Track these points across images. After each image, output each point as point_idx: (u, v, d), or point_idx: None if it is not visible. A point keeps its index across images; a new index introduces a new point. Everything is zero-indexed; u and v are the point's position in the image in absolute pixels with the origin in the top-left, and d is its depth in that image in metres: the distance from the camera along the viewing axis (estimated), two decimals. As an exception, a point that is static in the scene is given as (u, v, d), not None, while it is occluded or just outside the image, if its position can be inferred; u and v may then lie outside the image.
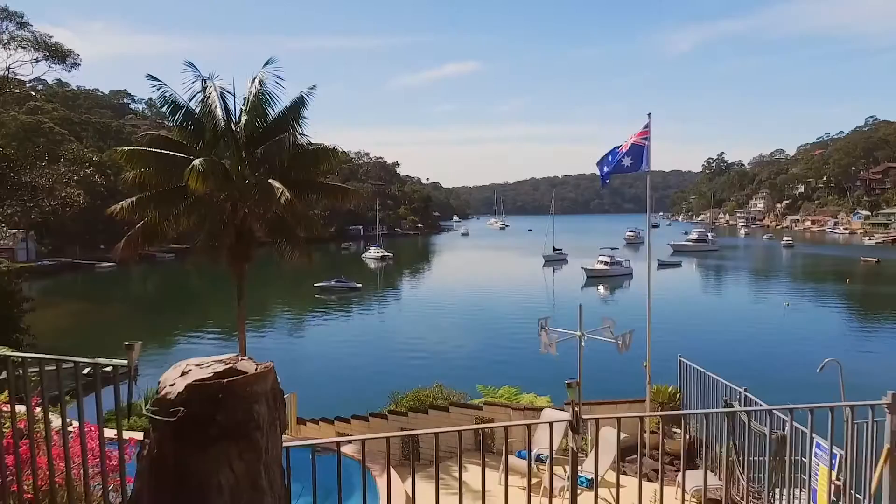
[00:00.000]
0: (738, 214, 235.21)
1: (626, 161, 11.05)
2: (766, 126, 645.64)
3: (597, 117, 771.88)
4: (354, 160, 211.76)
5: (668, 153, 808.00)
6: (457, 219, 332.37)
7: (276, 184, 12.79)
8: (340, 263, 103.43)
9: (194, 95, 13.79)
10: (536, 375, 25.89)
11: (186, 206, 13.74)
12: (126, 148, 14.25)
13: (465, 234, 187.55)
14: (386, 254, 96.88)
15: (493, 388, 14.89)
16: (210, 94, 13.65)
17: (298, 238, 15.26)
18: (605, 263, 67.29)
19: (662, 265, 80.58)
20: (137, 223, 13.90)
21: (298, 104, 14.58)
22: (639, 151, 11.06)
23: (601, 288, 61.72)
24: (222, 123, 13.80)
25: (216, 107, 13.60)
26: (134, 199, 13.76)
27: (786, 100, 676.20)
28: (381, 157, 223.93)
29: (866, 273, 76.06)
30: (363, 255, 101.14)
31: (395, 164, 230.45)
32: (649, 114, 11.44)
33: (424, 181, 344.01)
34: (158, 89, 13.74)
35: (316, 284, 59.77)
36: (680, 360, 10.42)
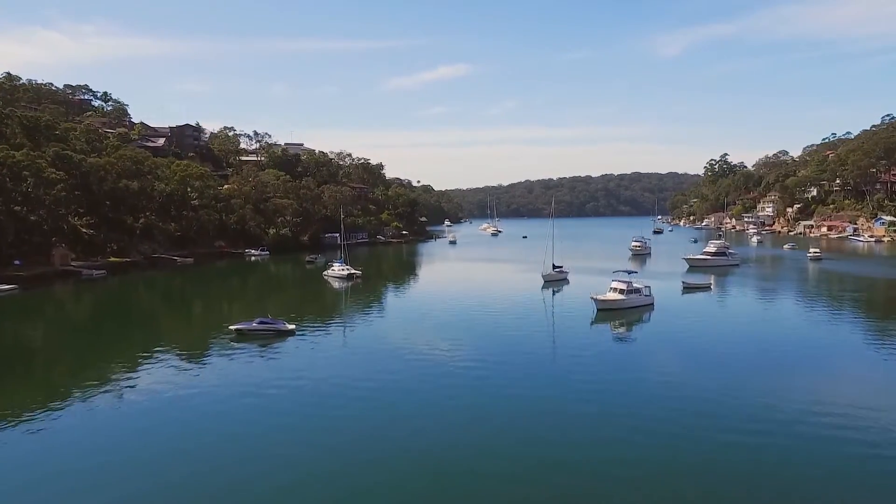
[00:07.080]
0: (746, 219, 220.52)
1: None
2: (763, 127, 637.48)
3: (589, 120, 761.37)
4: (335, 161, 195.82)
5: (664, 155, 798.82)
6: (448, 223, 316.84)
7: None
8: (298, 282, 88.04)
9: None
10: None
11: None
12: None
13: (452, 243, 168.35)
14: (353, 271, 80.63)
15: None
16: None
17: None
18: (621, 292, 52.04)
19: (688, 289, 65.59)
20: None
21: None
22: None
23: (615, 325, 46.84)
24: None
25: None
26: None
27: (779, 101, 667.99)
28: (364, 159, 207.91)
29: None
30: (324, 272, 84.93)
31: (380, 166, 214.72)
32: None
33: (416, 184, 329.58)
34: None
35: (232, 327, 44.00)
36: None
